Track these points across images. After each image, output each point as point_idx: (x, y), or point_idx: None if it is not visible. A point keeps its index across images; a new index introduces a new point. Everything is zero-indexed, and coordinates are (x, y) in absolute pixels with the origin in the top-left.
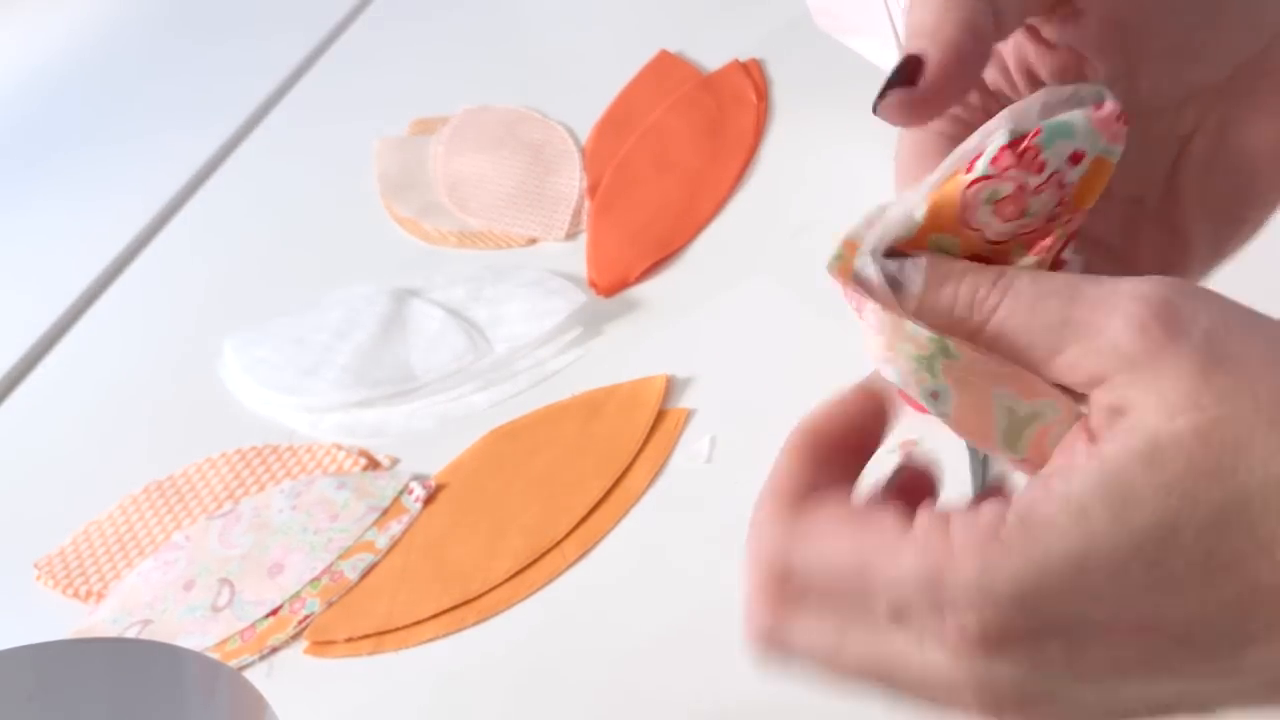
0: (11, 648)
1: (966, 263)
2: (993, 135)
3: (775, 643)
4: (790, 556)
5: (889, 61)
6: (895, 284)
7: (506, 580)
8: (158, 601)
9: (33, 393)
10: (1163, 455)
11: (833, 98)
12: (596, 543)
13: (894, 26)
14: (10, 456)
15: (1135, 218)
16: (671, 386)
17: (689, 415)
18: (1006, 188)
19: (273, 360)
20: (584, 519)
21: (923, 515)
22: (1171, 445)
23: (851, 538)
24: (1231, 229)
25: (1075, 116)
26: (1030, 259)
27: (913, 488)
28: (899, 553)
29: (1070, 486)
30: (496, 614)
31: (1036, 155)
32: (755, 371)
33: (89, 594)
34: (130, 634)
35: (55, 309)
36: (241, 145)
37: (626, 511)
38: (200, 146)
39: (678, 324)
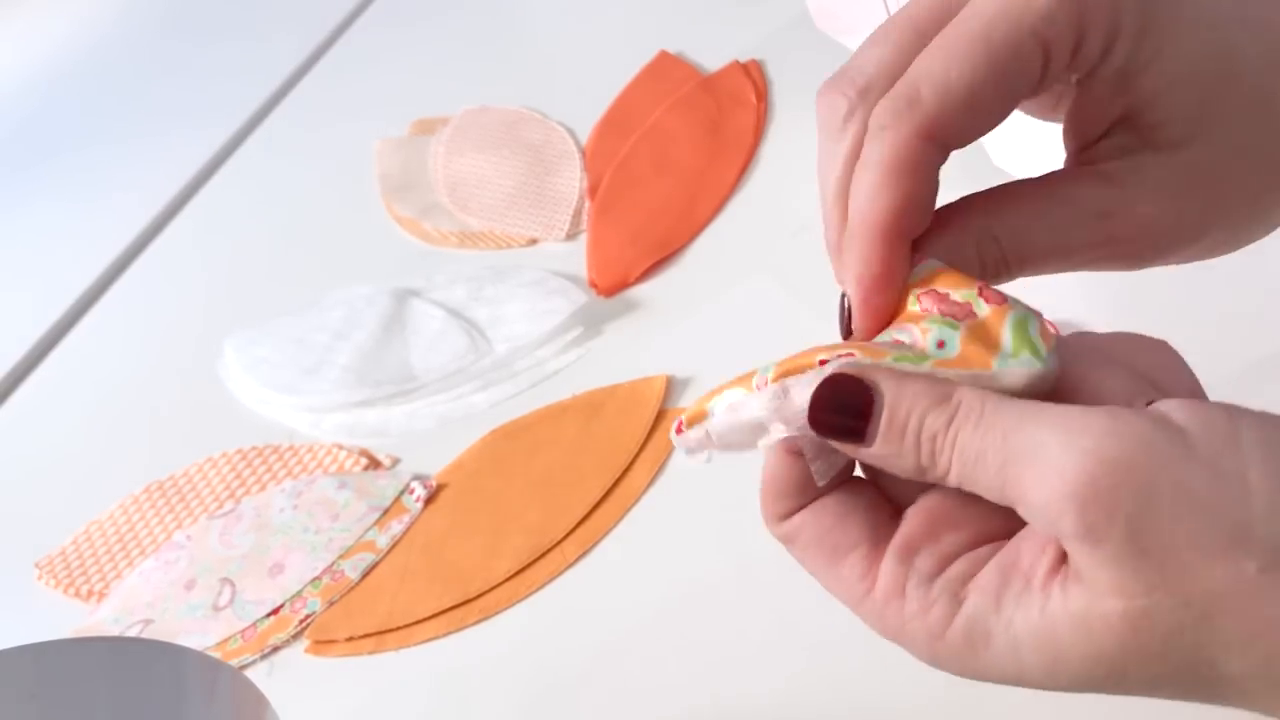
0: (12, 647)
1: (919, 402)
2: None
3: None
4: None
5: None
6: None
7: (507, 580)
8: (159, 601)
9: (34, 393)
10: (1093, 630)
11: None
12: (596, 542)
13: None
14: (11, 456)
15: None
16: (671, 386)
17: None
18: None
19: (273, 360)
20: (584, 519)
21: (883, 578)
22: (1100, 624)
23: (824, 576)
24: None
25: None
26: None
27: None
28: (863, 608)
29: (1013, 621)
30: (497, 613)
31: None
32: None
33: (90, 593)
34: (131, 633)
35: (56, 309)
36: (243, 145)
37: (626, 511)
38: (201, 147)
39: (678, 324)
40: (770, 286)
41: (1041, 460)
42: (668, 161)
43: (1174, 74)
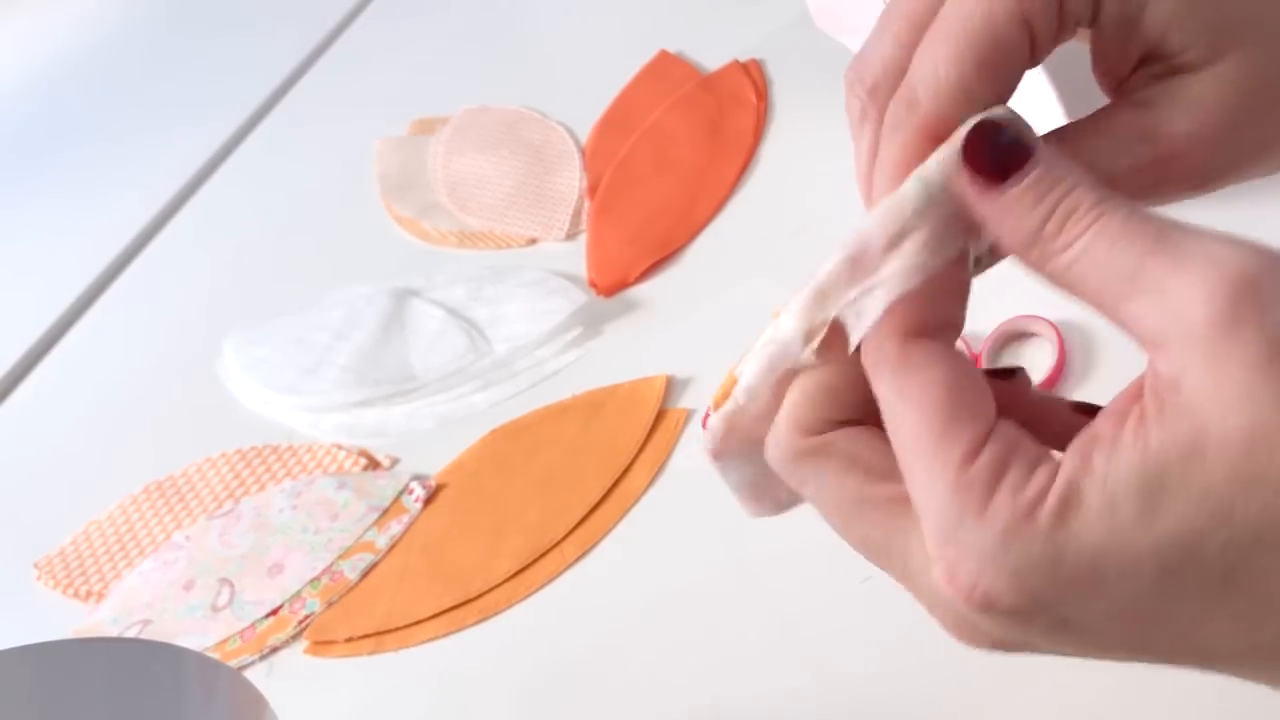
0: (12, 648)
1: (1074, 175)
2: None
3: (790, 474)
4: (844, 398)
5: None
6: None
7: (506, 580)
8: (158, 601)
9: (33, 392)
10: (1205, 456)
11: (833, 98)
12: (596, 543)
13: None
14: (10, 456)
15: None
16: (671, 386)
17: (689, 415)
18: None
19: (273, 360)
20: (584, 519)
21: (987, 453)
22: (1217, 446)
23: (926, 428)
24: None
25: None
26: None
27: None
28: (939, 479)
29: (1109, 471)
30: (496, 614)
31: None
32: None
33: (89, 594)
34: (130, 634)
35: (56, 308)
36: (242, 145)
37: (626, 511)
38: (200, 146)
39: (678, 324)
40: (770, 286)
41: (1196, 253)
42: (668, 161)
43: (1175, 3)
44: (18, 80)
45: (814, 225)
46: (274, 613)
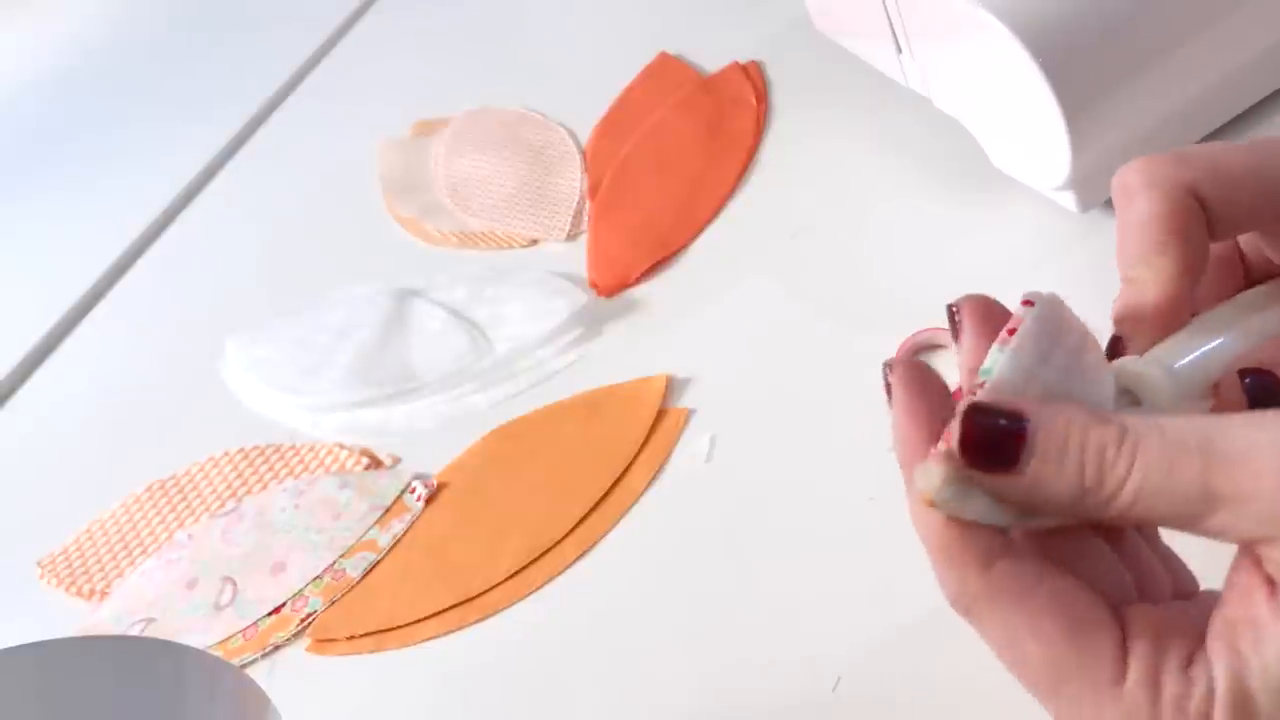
0: (14, 646)
1: (1077, 417)
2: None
3: (972, 618)
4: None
5: (887, 64)
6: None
7: (507, 579)
8: (160, 600)
9: (36, 391)
10: None
11: (833, 99)
12: (596, 542)
13: (893, 29)
14: (13, 455)
15: None
16: (671, 386)
17: (689, 415)
18: None
19: (275, 360)
20: (584, 519)
21: (1135, 668)
22: None
23: (1058, 650)
24: None
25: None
26: None
27: None
28: (1103, 709)
29: (1265, 655)
30: (497, 612)
31: None
32: (755, 371)
33: (92, 593)
34: (133, 632)
35: (59, 308)
36: (244, 146)
37: (626, 511)
38: (202, 147)
39: (678, 324)
40: (770, 287)
41: (1260, 453)
42: (668, 162)
43: None
44: (19, 79)
45: (814, 226)
46: (276, 611)
